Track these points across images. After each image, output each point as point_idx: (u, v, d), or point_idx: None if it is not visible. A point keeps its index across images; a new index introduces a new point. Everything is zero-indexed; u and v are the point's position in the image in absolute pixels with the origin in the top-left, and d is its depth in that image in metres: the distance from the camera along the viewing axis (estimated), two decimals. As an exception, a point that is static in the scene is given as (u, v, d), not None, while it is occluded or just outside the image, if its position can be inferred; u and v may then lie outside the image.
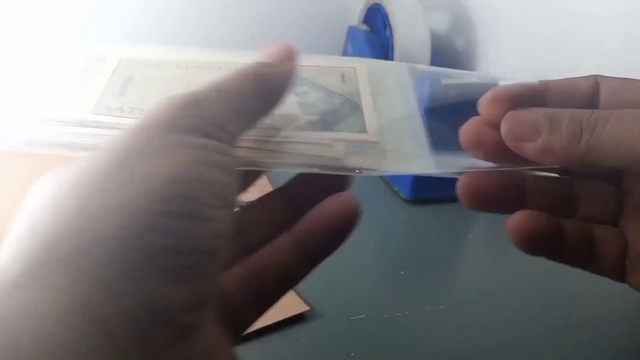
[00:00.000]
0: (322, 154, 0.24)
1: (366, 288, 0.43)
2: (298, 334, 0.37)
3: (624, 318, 0.41)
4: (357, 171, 0.24)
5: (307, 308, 0.38)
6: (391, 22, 0.63)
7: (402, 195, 0.56)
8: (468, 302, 0.42)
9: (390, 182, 0.58)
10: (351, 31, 0.72)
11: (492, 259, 0.50)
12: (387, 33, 0.65)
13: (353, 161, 0.24)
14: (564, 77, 0.26)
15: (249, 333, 0.23)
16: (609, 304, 0.42)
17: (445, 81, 0.50)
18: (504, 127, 0.24)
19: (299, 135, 0.24)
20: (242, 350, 0.21)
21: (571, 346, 0.37)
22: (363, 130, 0.25)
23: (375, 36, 0.69)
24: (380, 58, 0.60)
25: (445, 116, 0.31)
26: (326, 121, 0.25)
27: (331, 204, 0.23)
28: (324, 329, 0.37)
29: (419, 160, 0.28)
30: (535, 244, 0.24)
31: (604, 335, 0.39)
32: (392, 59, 0.62)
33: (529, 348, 0.37)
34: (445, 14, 0.75)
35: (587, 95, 0.25)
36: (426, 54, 0.62)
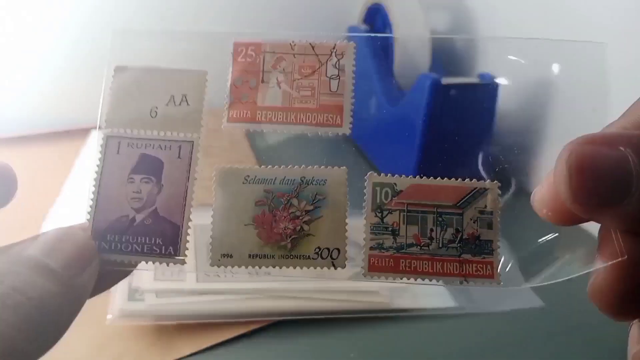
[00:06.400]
0: (370, 299, 0.30)
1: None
2: (298, 334, 0.37)
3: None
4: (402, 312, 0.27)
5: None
6: (391, 22, 0.63)
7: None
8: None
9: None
10: (351, 31, 0.72)
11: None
12: (387, 33, 0.65)
13: (397, 303, 0.25)
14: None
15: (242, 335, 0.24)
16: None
17: (445, 81, 0.50)
18: (563, 182, 0.16)
19: (349, 285, 0.28)
20: (241, 351, 0.21)
21: (570, 346, 0.37)
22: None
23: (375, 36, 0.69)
24: (380, 58, 0.60)
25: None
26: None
27: None
28: (324, 329, 0.37)
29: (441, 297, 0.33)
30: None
31: (604, 335, 0.39)
32: (392, 59, 0.62)
33: (529, 348, 0.37)
34: (445, 14, 0.75)
35: None
36: (426, 54, 0.62)
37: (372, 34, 0.70)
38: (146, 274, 0.39)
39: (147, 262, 0.22)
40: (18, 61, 0.66)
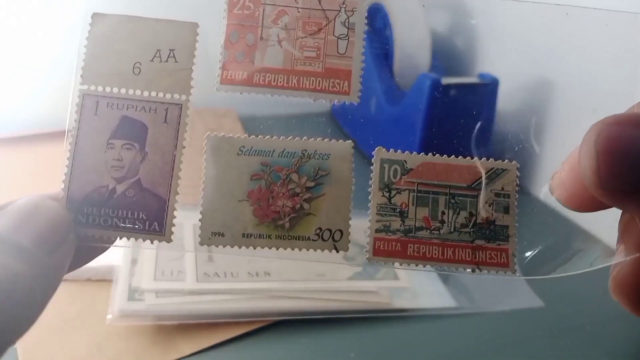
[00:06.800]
0: (370, 299, 0.28)
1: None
2: (298, 334, 0.37)
3: (623, 318, 0.41)
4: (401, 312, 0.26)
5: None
6: (391, 22, 0.63)
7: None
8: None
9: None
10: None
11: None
12: (387, 33, 0.65)
13: (397, 303, 0.24)
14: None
15: (244, 333, 0.24)
16: (609, 304, 0.42)
17: (445, 81, 0.50)
18: (589, 166, 0.15)
19: (349, 285, 0.27)
20: (241, 351, 0.21)
21: (570, 346, 0.37)
22: (396, 277, 0.28)
23: (375, 36, 0.69)
24: (380, 58, 0.60)
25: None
26: (368, 271, 0.28)
27: None
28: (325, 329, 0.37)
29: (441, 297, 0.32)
30: None
31: (604, 335, 0.39)
32: (392, 59, 0.62)
33: (529, 348, 0.37)
34: (445, 14, 0.75)
35: None
36: (426, 54, 0.62)
37: (372, 34, 0.70)
38: (146, 274, 0.39)
39: (128, 239, 0.20)
40: (18, 61, 0.66)
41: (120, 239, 0.20)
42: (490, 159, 0.21)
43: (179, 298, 0.38)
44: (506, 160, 0.21)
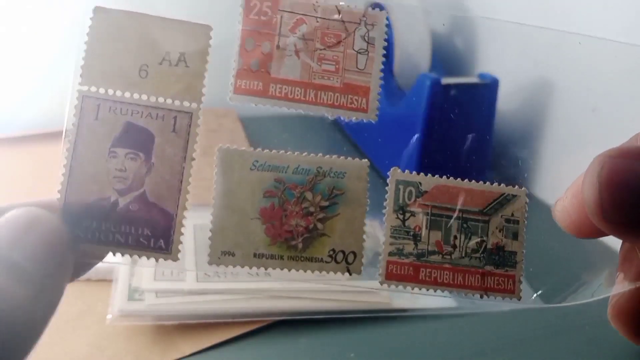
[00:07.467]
0: (370, 299, 0.28)
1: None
2: (298, 334, 0.37)
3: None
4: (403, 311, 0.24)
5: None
6: (391, 22, 0.63)
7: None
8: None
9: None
10: (351, 31, 0.72)
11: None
12: (387, 33, 0.65)
13: (397, 304, 0.23)
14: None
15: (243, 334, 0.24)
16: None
17: (445, 81, 0.50)
18: (592, 197, 0.15)
19: (349, 285, 0.27)
20: (241, 351, 0.21)
21: (570, 346, 0.37)
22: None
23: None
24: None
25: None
26: (368, 271, 0.28)
27: None
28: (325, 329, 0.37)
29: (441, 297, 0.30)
30: None
31: (604, 335, 0.39)
32: (392, 59, 0.62)
33: (529, 348, 0.37)
34: (445, 14, 0.75)
35: None
36: (426, 54, 0.62)
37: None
38: (146, 274, 0.39)
39: (131, 256, 0.19)
40: (18, 61, 0.66)
41: (122, 256, 0.19)
42: (502, 184, 0.21)
43: (179, 298, 0.38)
44: (516, 186, 0.21)
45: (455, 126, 0.47)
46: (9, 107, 0.66)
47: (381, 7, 0.21)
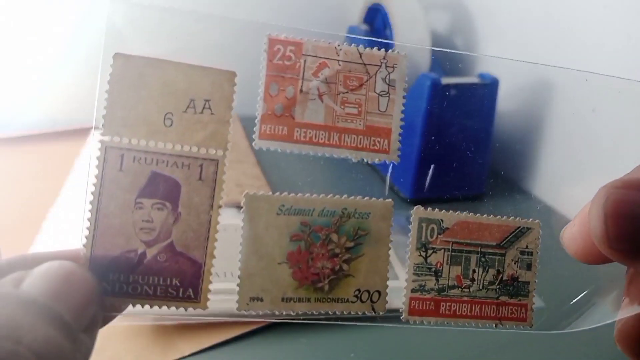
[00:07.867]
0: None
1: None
2: (298, 334, 0.37)
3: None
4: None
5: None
6: (391, 22, 0.63)
7: (402, 195, 0.56)
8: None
9: (391, 182, 0.58)
10: (351, 31, 0.72)
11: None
12: (387, 33, 0.65)
13: (397, 303, 0.23)
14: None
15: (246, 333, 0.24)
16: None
17: (445, 81, 0.50)
18: (598, 227, 0.16)
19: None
20: (241, 351, 0.21)
21: (570, 346, 0.37)
22: (396, 277, 0.28)
23: (375, 36, 0.69)
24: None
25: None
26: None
27: None
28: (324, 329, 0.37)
29: None
30: None
31: (604, 335, 0.39)
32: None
33: (529, 348, 0.37)
34: (445, 14, 0.75)
35: None
36: (426, 54, 0.62)
37: (372, 36, 0.70)
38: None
39: (160, 307, 0.19)
40: (18, 61, 0.66)
41: (151, 307, 0.19)
42: (518, 218, 0.21)
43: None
44: (531, 219, 0.22)
45: (455, 126, 0.47)
46: (9, 107, 0.66)
47: (381, 7, 0.21)
